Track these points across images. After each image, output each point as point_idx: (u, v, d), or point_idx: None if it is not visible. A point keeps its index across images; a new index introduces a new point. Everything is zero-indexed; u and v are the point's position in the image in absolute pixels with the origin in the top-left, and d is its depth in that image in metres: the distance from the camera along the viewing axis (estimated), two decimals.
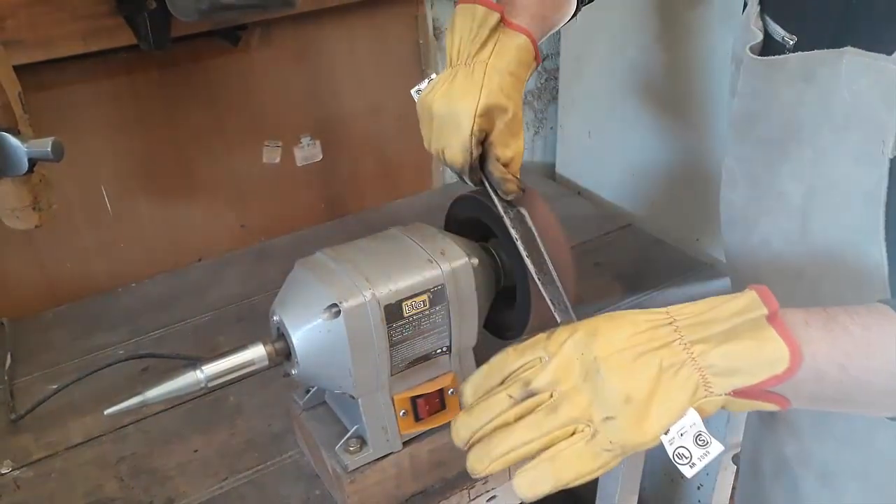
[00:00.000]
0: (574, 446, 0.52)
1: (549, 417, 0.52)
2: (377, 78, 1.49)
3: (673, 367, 0.51)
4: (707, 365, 0.50)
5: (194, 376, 0.73)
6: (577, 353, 0.53)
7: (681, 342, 0.51)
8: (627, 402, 0.50)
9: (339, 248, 0.82)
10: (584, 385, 0.52)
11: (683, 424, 0.51)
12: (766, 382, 0.50)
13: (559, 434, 0.52)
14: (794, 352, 0.50)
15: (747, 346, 0.50)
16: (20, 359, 1.16)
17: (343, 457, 0.82)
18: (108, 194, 1.30)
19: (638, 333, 0.52)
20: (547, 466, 0.52)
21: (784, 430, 0.91)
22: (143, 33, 1.12)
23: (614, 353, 0.51)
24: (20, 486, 0.93)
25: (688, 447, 0.51)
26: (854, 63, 0.66)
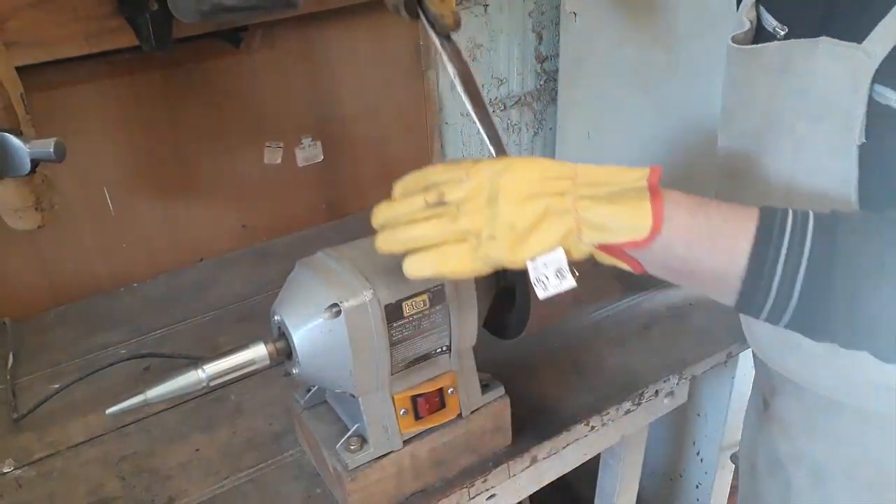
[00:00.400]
0: (460, 248, 0.62)
1: (449, 223, 0.62)
2: (378, 79, 1.50)
3: (557, 213, 0.60)
4: (584, 218, 0.60)
5: (196, 376, 0.74)
6: (488, 182, 0.62)
7: (572, 195, 0.60)
8: (510, 229, 0.60)
9: (340, 248, 0.82)
10: (485, 207, 0.61)
11: (549, 258, 0.61)
12: (626, 245, 0.60)
13: (451, 238, 0.62)
14: (656, 224, 0.59)
15: (620, 210, 0.59)
16: (22, 358, 1.16)
17: (344, 455, 0.82)
18: (110, 195, 1.30)
19: (542, 180, 0.61)
20: (434, 256, 0.63)
21: (776, 429, 0.91)
22: (145, 34, 1.12)
23: (515, 188, 0.61)
24: (22, 486, 0.94)
25: (548, 276, 0.62)
26: (827, 52, 0.67)
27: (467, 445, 0.89)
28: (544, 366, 1.07)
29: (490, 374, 0.90)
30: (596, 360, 1.08)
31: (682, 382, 1.08)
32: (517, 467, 0.93)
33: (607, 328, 1.15)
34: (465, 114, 1.65)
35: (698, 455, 1.49)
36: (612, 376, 1.05)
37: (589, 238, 0.61)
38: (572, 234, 0.61)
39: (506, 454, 0.93)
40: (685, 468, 1.55)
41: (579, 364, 1.08)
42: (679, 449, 1.54)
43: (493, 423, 0.90)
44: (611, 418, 1.01)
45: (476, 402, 0.88)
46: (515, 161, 0.63)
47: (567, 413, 0.99)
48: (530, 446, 0.94)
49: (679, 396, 1.12)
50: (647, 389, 1.03)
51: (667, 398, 1.09)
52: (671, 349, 1.10)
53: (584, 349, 1.10)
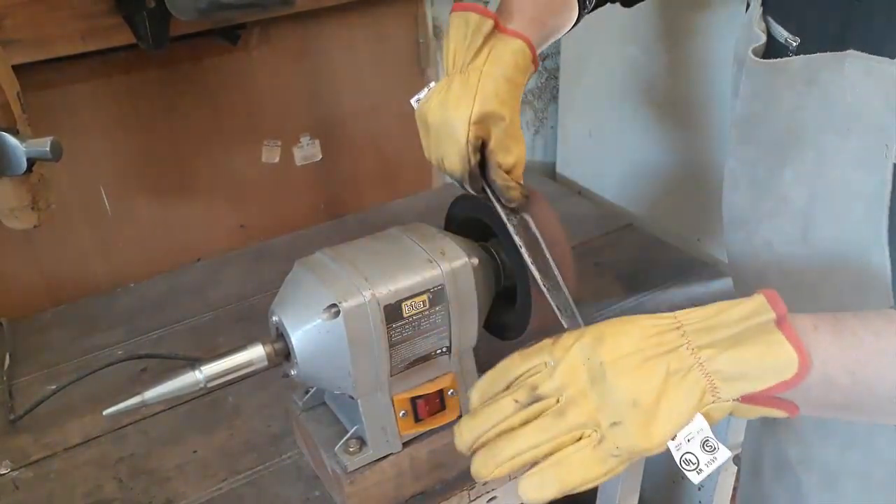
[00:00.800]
0: (581, 452, 0.52)
1: (555, 422, 0.52)
2: (377, 77, 1.49)
3: (680, 372, 0.50)
4: (714, 370, 0.50)
5: (193, 377, 0.73)
6: (584, 358, 0.52)
7: (688, 347, 0.51)
8: (634, 407, 0.50)
9: (339, 248, 0.81)
10: (591, 390, 0.52)
11: (691, 430, 0.51)
12: (775, 388, 0.50)
13: (565, 439, 0.52)
14: (802, 357, 0.49)
15: (755, 352, 0.50)
16: (19, 359, 1.16)
17: (342, 457, 0.82)
18: (107, 194, 1.29)
19: (645, 338, 0.52)
20: (553, 471, 0.52)
21: (786, 432, 0.91)
22: (142, 32, 1.12)
23: (621, 357, 0.51)
24: (19, 487, 0.93)
25: (695, 453, 0.51)
26: (856, 66, 0.66)
27: None
28: None
29: None
30: None
31: None
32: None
33: None
34: None
35: None
36: None
37: (728, 393, 0.50)
38: (706, 393, 0.50)
39: None
40: None
41: None
42: None
43: None
44: None
45: None
46: (603, 327, 0.54)
47: None
48: None
49: None
50: None
51: None
52: None
53: None
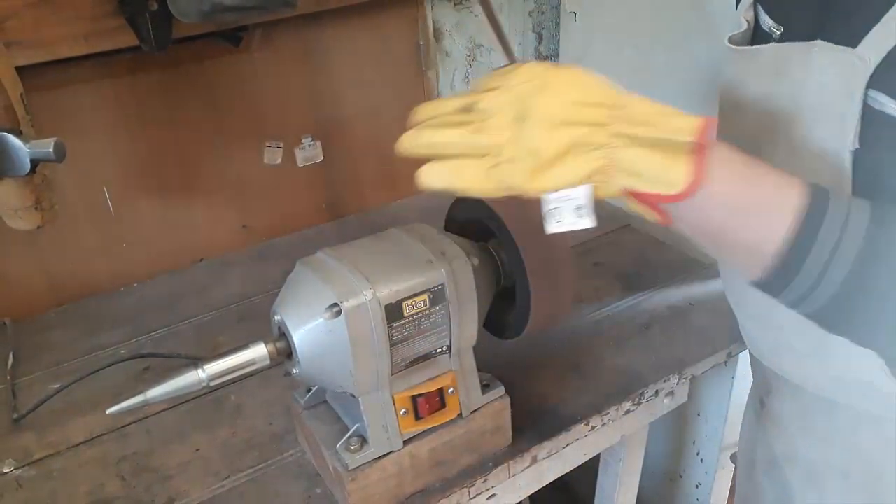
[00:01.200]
0: (476, 166, 0.58)
1: (471, 135, 0.58)
2: (378, 79, 1.50)
3: (588, 146, 0.55)
4: (617, 157, 0.55)
5: (196, 376, 0.74)
6: (520, 98, 0.56)
7: (609, 129, 0.55)
8: (533, 155, 0.55)
9: (340, 248, 0.82)
10: (511, 125, 0.56)
11: (571, 193, 0.56)
12: (656, 196, 0.55)
13: (470, 152, 0.58)
14: (693, 183, 0.54)
15: (656, 160, 0.54)
16: (22, 358, 1.16)
17: (344, 455, 0.82)
18: (110, 195, 1.30)
19: (580, 104, 0.55)
20: (448, 170, 0.59)
21: (773, 429, 0.91)
22: (145, 34, 1.12)
23: (548, 111, 0.55)
24: (22, 486, 0.94)
25: (565, 211, 0.57)
26: (822, 56, 0.66)
27: (467, 445, 0.89)
28: (544, 366, 1.07)
29: (490, 374, 0.90)
30: (596, 360, 1.08)
31: (682, 382, 1.08)
32: (517, 467, 0.93)
33: (607, 328, 1.15)
34: None
35: (698, 455, 1.49)
36: (611, 376, 1.05)
37: (619, 180, 0.56)
38: (601, 172, 0.56)
39: (506, 454, 0.93)
40: (685, 468, 1.54)
41: (579, 364, 1.08)
42: (679, 449, 1.53)
43: (493, 423, 0.90)
44: (611, 418, 1.01)
45: (476, 402, 0.88)
46: (557, 75, 0.57)
47: (567, 413, 0.99)
48: (530, 446, 0.94)
49: (679, 396, 1.12)
50: (647, 389, 1.03)
51: (667, 398, 1.09)
52: (671, 349, 1.10)
53: (584, 349, 1.10)
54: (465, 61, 1.60)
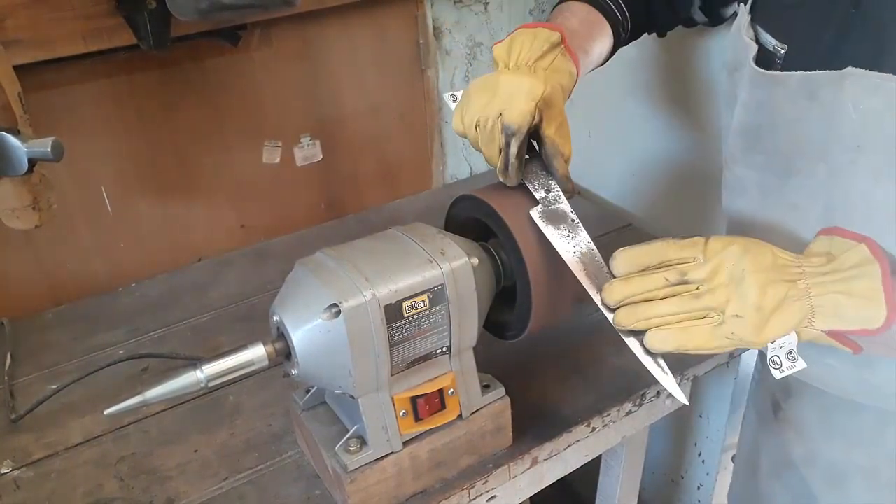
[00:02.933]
0: (703, 326, 0.65)
1: (692, 301, 0.65)
2: (377, 78, 1.49)
3: (795, 298, 0.64)
4: (819, 305, 0.64)
5: (194, 376, 0.73)
6: (730, 262, 0.65)
7: (805, 283, 0.65)
8: (757, 310, 0.64)
9: (339, 248, 0.82)
10: (728, 286, 0.65)
11: (785, 341, 0.66)
12: (856, 332, 0.64)
13: (695, 315, 0.66)
14: (890, 316, 0.62)
15: (855, 302, 0.63)
16: (20, 359, 1.16)
17: (343, 457, 0.82)
18: (108, 194, 1.30)
19: (776, 266, 0.65)
20: (678, 333, 0.66)
21: (789, 431, 0.91)
22: (143, 33, 1.12)
23: (760, 271, 0.64)
24: (20, 486, 0.93)
25: (781, 357, 0.66)
26: (859, 84, 0.66)
27: (468, 446, 0.89)
28: (545, 366, 1.07)
29: (490, 375, 0.90)
30: (597, 361, 1.08)
31: (684, 383, 1.07)
32: (518, 468, 0.93)
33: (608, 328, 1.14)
34: None
35: (700, 456, 1.49)
36: (613, 377, 1.05)
37: (821, 324, 0.65)
38: (806, 319, 0.65)
39: (506, 455, 0.92)
40: (687, 469, 1.54)
41: (580, 365, 1.07)
42: (680, 450, 1.53)
43: (493, 424, 0.90)
44: (612, 419, 1.00)
45: (476, 402, 0.87)
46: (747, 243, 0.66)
47: (568, 414, 0.98)
48: (531, 447, 0.93)
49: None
50: (649, 390, 1.03)
51: (668, 399, 1.09)
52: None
53: (584, 349, 1.10)
54: (466, 60, 1.59)
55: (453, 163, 1.68)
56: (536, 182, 0.82)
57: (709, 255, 0.66)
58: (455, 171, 1.69)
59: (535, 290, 0.83)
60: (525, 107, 0.77)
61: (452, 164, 1.68)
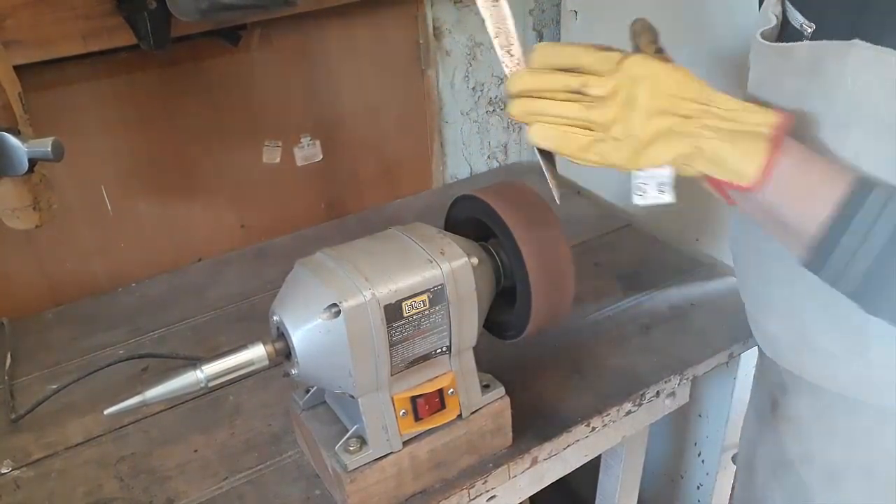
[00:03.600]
0: (584, 135, 0.65)
1: (582, 110, 0.65)
2: (377, 78, 1.49)
3: (679, 134, 0.63)
4: (701, 147, 0.63)
5: (194, 376, 0.73)
6: (630, 86, 0.63)
7: (699, 122, 0.63)
8: (634, 137, 0.64)
9: (339, 248, 0.82)
10: (619, 108, 0.64)
11: (656, 173, 0.65)
12: (728, 184, 0.64)
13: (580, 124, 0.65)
14: (763, 177, 0.62)
15: (736, 153, 0.62)
16: (20, 359, 1.16)
17: (343, 456, 0.82)
18: (108, 194, 1.30)
19: (677, 97, 0.63)
20: (559, 133, 0.66)
21: (787, 429, 0.90)
22: (144, 33, 1.12)
23: (651, 101, 0.63)
24: (20, 486, 0.93)
25: (649, 186, 0.66)
26: (861, 56, 0.65)
27: (467, 446, 0.89)
28: (545, 366, 1.07)
29: (490, 375, 0.90)
30: (596, 361, 1.08)
31: (684, 383, 1.08)
32: (517, 468, 0.93)
33: (608, 328, 1.15)
34: (464, 112, 1.64)
35: (699, 456, 1.49)
36: (612, 377, 1.05)
37: (699, 166, 0.64)
38: (686, 157, 0.64)
39: (506, 455, 0.92)
40: (686, 469, 1.54)
41: (580, 364, 1.07)
42: (680, 450, 1.53)
43: (493, 423, 0.90)
44: (612, 419, 1.00)
45: (476, 402, 0.87)
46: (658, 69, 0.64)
47: (568, 414, 0.98)
48: (531, 447, 0.93)
49: (680, 397, 1.12)
50: (648, 390, 1.03)
51: (668, 399, 1.09)
52: (672, 349, 1.09)
53: (584, 349, 1.10)
54: (466, 60, 1.59)
55: (453, 163, 1.68)
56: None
57: (616, 73, 0.64)
58: (455, 171, 1.69)
59: (535, 290, 0.83)
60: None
61: (452, 164, 1.68)
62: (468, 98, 1.63)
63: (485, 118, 1.68)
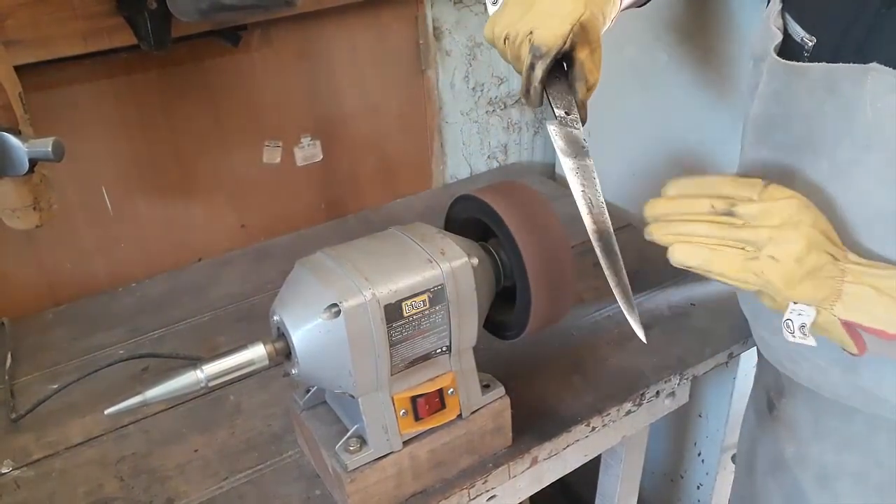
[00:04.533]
0: (734, 254, 0.64)
1: (730, 230, 0.64)
2: (377, 78, 1.50)
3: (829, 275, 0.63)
4: (848, 292, 0.63)
5: (194, 376, 0.74)
6: (789, 211, 0.63)
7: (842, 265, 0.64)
8: (797, 261, 0.62)
9: (339, 248, 0.82)
10: (777, 228, 0.63)
11: (804, 310, 0.64)
12: (873, 331, 0.63)
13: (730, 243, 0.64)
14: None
15: (884, 300, 0.62)
16: (20, 358, 1.16)
17: (343, 456, 0.82)
18: (109, 194, 1.30)
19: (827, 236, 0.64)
20: (707, 252, 0.64)
21: (783, 431, 0.91)
22: (144, 33, 1.12)
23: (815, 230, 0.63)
24: (20, 486, 0.93)
25: (794, 325, 0.65)
26: (879, 81, 0.65)
27: (467, 446, 0.89)
28: (545, 366, 1.07)
29: (490, 375, 0.90)
30: (596, 361, 1.08)
31: (684, 383, 1.08)
32: (517, 468, 0.93)
33: (607, 328, 1.15)
34: (464, 112, 1.64)
35: (699, 456, 1.49)
36: (612, 377, 1.05)
37: (842, 312, 0.64)
38: (830, 299, 0.64)
39: (506, 455, 0.92)
40: (686, 469, 1.54)
41: (580, 364, 1.07)
42: (680, 450, 1.53)
43: (493, 423, 0.90)
44: (612, 419, 1.00)
45: (476, 402, 0.87)
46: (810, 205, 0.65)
47: (567, 414, 0.99)
48: (531, 447, 0.93)
49: (680, 397, 1.12)
50: (648, 390, 1.03)
51: (668, 399, 1.09)
52: (672, 349, 1.09)
53: (584, 349, 1.10)
54: (466, 60, 1.59)
55: (453, 163, 1.68)
56: (559, 101, 0.78)
57: (765, 199, 0.64)
58: (455, 171, 1.69)
59: (535, 290, 0.83)
60: (559, 29, 0.72)
61: (452, 164, 1.68)
62: (468, 98, 1.64)
63: (485, 118, 1.68)
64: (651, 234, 0.68)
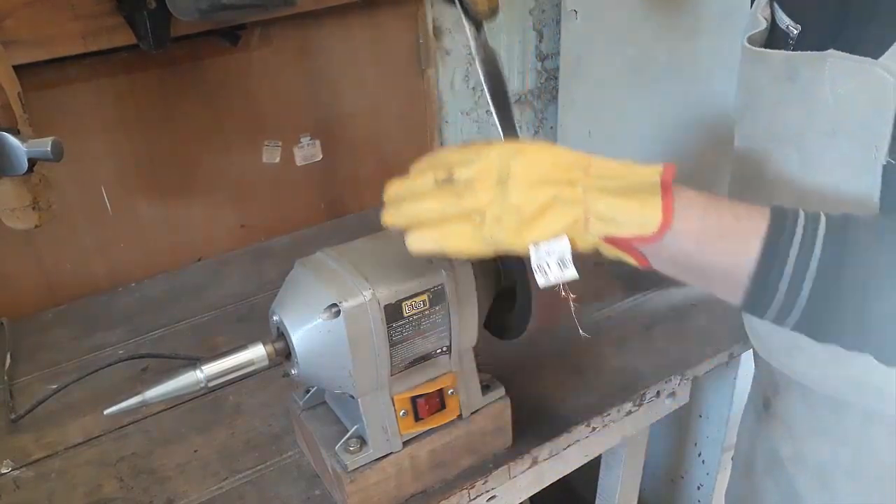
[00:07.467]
0: (463, 227, 0.62)
1: (452, 199, 0.62)
2: (377, 77, 1.49)
3: (565, 201, 0.60)
4: (593, 209, 0.60)
5: (194, 376, 0.73)
6: (499, 163, 0.61)
7: (582, 185, 0.60)
8: (517, 212, 0.60)
9: (339, 248, 0.81)
10: (493, 188, 0.61)
11: (552, 247, 0.61)
12: (634, 239, 0.59)
13: (455, 216, 0.62)
14: (665, 220, 0.58)
15: (630, 204, 0.59)
16: (20, 359, 1.16)
17: (343, 457, 0.82)
18: (108, 194, 1.30)
19: (554, 166, 0.61)
20: (435, 232, 0.63)
21: (779, 429, 0.91)
22: (143, 33, 1.12)
23: (526, 173, 0.61)
24: (20, 486, 0.93)
25: (550, 264, 0.62)
26: (838, 66, 0.65)
27: (468, 447, 0.89)
28: (545, 366, 1.07)
29: (490, 375, 0.90)
30: (597, 361, 1.08)
31: (684, 383, 1.07)
32: (518, 468, 0.93)
33: (608, 328, 1.15)
34: (465, 112, 1.64)
35: (700, 456, 1.49)
36: (613, 377, 1.05)
37: (596, 229, 0.60)
38: (579, 223, 0.60)
39: (506, 455, 0.92)
40: (687, 469, 1.54)
41: (580, 365, 1.07)
42: (681, 450, 1.53)
43: (493, 424, 0.90)
44: (612, 419, 1.00)
45: (476, 402, 0.87)
46: (528, 146, 0.63)
47: (568, 414, 0.98)
48: (531, 447, 0.93)
49: (681, 397, 1.11)
50: (649, 390, 1.03)
51: (668, 399, 1.09)
52: (673, 350, 1.09)
53: (584, 349, 1.10)
54: (466, 59, 1.59)
55: None
56: None
57: (482, 156, 0.62)
58: None
59: (535, 290, 0.83)
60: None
61: None
62: (468, 98, 1.63)
63: (485, 118, 1.68)
64: (385, 221, 0.66)
